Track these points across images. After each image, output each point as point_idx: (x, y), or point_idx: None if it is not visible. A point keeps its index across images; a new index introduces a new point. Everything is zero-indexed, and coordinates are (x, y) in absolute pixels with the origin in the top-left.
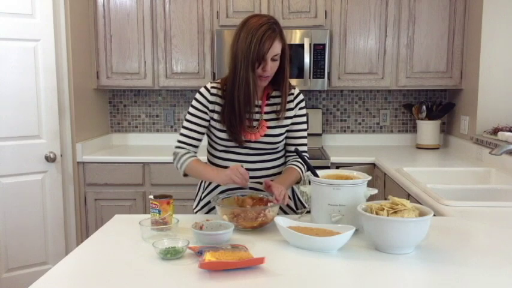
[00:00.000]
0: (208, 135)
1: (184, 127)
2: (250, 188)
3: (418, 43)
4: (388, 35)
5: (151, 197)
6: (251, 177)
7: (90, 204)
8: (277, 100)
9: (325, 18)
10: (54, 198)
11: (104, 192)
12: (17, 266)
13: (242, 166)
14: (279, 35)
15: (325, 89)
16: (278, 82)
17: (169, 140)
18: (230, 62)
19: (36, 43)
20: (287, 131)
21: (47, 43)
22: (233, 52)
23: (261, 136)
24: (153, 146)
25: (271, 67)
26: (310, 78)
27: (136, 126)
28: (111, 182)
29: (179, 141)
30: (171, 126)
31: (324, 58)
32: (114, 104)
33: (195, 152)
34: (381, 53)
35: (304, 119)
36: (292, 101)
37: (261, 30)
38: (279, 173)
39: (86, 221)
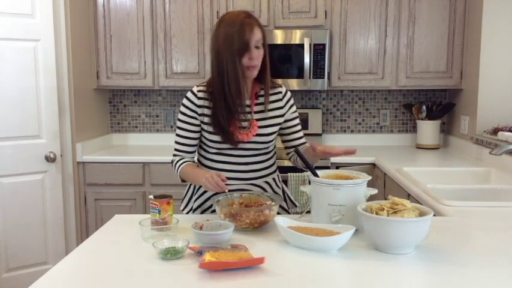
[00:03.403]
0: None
1: (177, 135)
2: (243, 190)
3: (418, 43)
4: (388, 35)
5: (151, 197)
6: (243, 179)
7: (90, 204)
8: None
9: (325, 18)
10: (54, 198)
11: (104, 192)
12: (17, 266)
13: (219, 175)
14: (257, 22)
15: (325, 89)
16: (263, 77)
17: (169, 140)
18: (213, 62)
19: (36, 43)
20: (283, 128)
21: (47, 43)
22: (216, 51)
23: (253, 136)
24: (153, 146)
25: (257, 55)
26: (310, 78)
27: (136, 126)
28: (111, 182)
29: (175, 149)
30: (171, 126)
31: (324, 58)
32: (114, 104)
33: (193, 157)
34: (381, 53)
35: (296, 114)
36: (281, 99)
37: (239, 19)
38: (271, 173)
39: (86, 221)
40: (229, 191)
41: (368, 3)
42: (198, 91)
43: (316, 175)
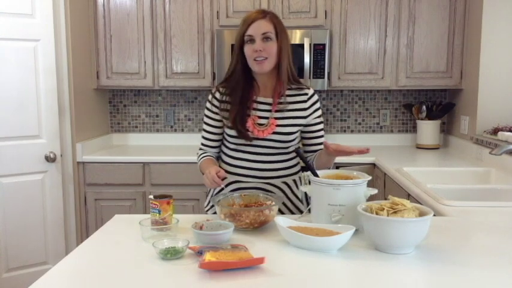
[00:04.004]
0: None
1: (202, 129)
2: (260, 189)
3: (418, 43)
4: (388, 35)
5: (151, 197)
6: (260, 178)
7: (90, 204)
8: (289, 99)
9: (325, 18)
10: (54, 198)
11: (104, 192)
12: (17, 266)
13: (217, 172)
14: (268, 17)
15: (325, 89)
16: (280, 72)
17: (169, 140)
18: None
19: (36, 43)
20: (304, 132)
21: (47, 43)
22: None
23: (268, 134)
24: (153, 146)
25: (264, 47)
26: (310, 78)
27: (136, 126)
28: (111, 182)
29: (201, 144)
30: (171, 126)
31: (324, 58)
32: (114, 104)
33: (218, 152)
34: (381, 53)
35: (320, 119)
36: (305, 101)
37: (249, 14)
38: (291, 174)
39: (86, 221)
40: (248, 188)
41: (368, 3)
42: (222, 87)
43: (316, 175)
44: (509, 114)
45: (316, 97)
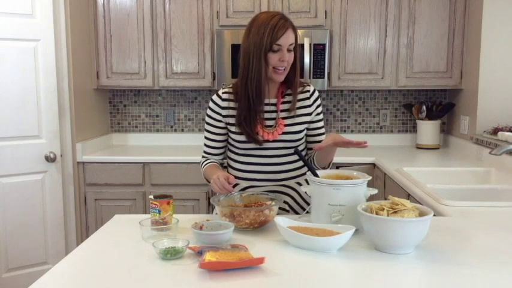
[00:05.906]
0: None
1: (204, 137)
2: (275, 191)
3: (418, 43)
4: (388, 35)
5: (151, 197)
6: (275, 180)
7: (90, 204)
8: (292, 98)
9: (325, 18)
10: (54, 198)
11: (104, 192)
12: (17, 266)
13: (226, 178)
14: (291, 26)
15: (325, 89)
16: (291, 79)
17: (169, 140)
18: (242, 60)
19: (36, 43)
20: (307, 129)
21: (47, 43)
22: (244, 49)
23: (279, 134)
24: (153, 146)
25: (288, 58)
26: (310, 78)
27: (136, 126)
28: (111, 182)
29: (203, 151)
30: (171, 126)
31: (324, 58)
32: (114, 104)
33: (222, 159)
34: (381, 53)
35: (321, 116)
36: (308, 98)
37: (273, 20)
38: (303, 174)
39: (86, 221)
40: (268, 191)
41: (368, 3)
42: (223, 93)
43: (316, 175)
44: (509, 114)
45: (317, 93)
